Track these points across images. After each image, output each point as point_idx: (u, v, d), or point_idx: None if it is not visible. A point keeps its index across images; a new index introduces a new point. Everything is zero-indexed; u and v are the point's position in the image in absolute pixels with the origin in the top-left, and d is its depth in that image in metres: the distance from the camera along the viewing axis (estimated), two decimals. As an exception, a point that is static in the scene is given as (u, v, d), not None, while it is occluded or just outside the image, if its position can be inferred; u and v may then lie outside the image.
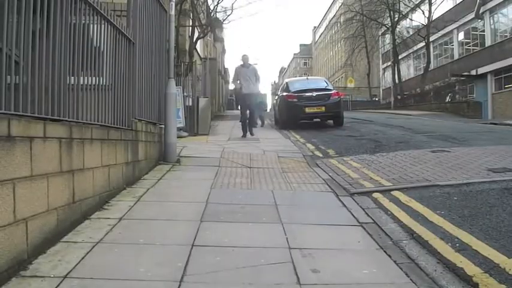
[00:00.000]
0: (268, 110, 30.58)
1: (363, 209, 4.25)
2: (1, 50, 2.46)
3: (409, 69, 35.74)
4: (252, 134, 10.79)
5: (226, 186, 5.21)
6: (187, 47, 17.36)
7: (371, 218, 3.97)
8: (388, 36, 35.23)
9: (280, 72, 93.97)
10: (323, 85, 13.82)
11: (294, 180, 5.63)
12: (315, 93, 12.62)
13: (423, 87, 29.15)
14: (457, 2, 27.55)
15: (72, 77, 3.48)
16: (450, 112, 23.05)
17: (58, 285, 2.37)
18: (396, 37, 32.27)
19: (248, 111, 10.76)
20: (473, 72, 24.62)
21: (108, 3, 4.38)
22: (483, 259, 2.93)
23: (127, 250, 2.99)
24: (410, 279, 2.67)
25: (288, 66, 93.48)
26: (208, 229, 3.49)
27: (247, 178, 5.70)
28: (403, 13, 31.65)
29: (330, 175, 5.91)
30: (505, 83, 22.80)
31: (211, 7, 19.58)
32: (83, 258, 2.77)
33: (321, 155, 7.89)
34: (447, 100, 26.71)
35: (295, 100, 12.56)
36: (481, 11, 24.49)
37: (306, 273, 2.69)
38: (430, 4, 28.15)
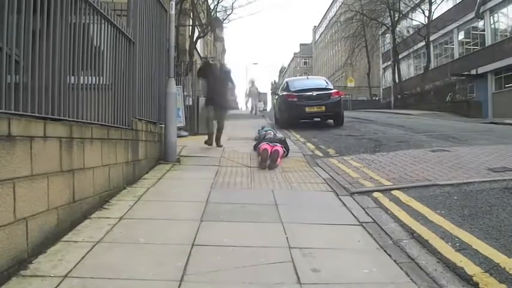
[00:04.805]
0: (268, 110, 30.86)
1: (363, 209, 4.25)
2: (1, 49, 2.46)
3: (409, 69, 35.70)
4: None
5: (227, 186, 5.21)
6: (187, 47, 17.36)
7: (371, 217, 3.97)
8: (388, 36, 35.19)
9: (280, 71, 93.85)
10: (323, 84, 13.80)
11: (294, 179, 5.63)
12: (315, 93, 12.60)
13: (423, 86, 29.11)
14: (457, 2, 27.50)
15: (73, 77, 3.48)
16: (450, 112, 23.03)
17: (58, 285, 2.38)
18: (396, 36, 32.24)
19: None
20: (474, 72, 24.59)
21: (108, 2, 4.38)
22: (483, 258, 2.93)
23: (127, 249, 2.99)
24: (411, 279, 2.67)
25: (288, 65, 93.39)
26: (209, 228, 3.50)
27: (247, 177, 5.70)
28: (403, 12, 31.60)
29: (330, 174, 5.91)
30: (505, 82, 22.78)
31: (212, 6, 19.60)
32: (83, 257, 2.77)
33: (321, 155, 7.89)
34: (447, 100, 26.66)
35: (295, 99, 12.54)
36: (481, 11, 24.46)
37: (306, 272, 2.69)
38: (430, 3, 28.11)
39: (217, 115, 8.17)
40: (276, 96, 16.11)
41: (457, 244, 3.22)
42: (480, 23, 25.43)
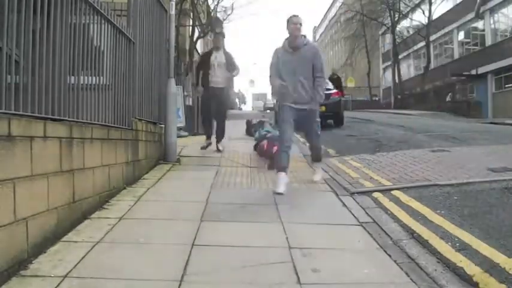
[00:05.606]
0: (268, 111, 31.24)
1: (363, 209, 4.25)
2: (1, 49, 2.46)
3: (409, 69, 35.72)
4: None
5: (227, 186, 5.21)
6: (187, 47, 17.37)
7: (371, 217, 3.97)
8: (388, 36, 35.26)
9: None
10: (323, 85, 13.78)
11: (294, 179, 5.62)
12: (315, 93, 12.58)
13: (423, 86, 29.14)
14: (457, 2, 27.53)
15: (73, 77, 3.48)
16: (450, 112, 23.04)
17: (58, 285, 2.37)
18: (396, 37, 32.28)
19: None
20: (474, 72, 24.62)
21: (108, 2, 4.38)
22: (483, 258, 2.93)
23: (127, 249, 2.99)
24: (411, 279, 2.67)
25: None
26: (209, 229, 3.49)
27: (247, 178, 5.70)
28: (403, 13, 31.65)
29: (330, 175, 5.91)
30: (505, 82, 22.81)
31: (212, 7, 19.62)
32: (83, 257, 2.77)
33: (321, 155, 7.88)
34: (447, 100, 26.69)
35: None
36: (481, 11, 24.48)
37: (306, 272, 2.68)
38: (430, 4, 28.14)
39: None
40: (276, 97, 16.08)
41: (457, 244, 3.22)
42: (480, 23, 25.45)
